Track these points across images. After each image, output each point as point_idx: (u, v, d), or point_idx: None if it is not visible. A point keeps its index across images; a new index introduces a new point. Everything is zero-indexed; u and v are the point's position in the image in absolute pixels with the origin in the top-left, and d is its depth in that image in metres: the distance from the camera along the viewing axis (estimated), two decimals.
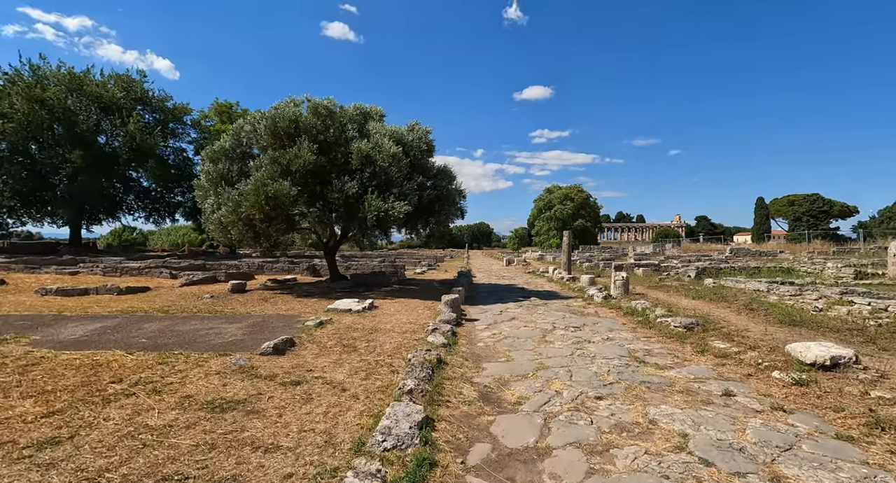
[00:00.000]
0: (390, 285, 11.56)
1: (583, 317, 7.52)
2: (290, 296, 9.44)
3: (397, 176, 9.34)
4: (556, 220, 46.89)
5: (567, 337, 5.90)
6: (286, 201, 8.87)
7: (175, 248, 34.44)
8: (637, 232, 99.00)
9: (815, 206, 63.44)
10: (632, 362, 4.57)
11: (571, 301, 9.62)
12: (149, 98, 23.81)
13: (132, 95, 22.33)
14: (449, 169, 11.41)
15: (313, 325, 5.99)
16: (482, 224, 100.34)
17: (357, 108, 10.91)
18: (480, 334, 6.21)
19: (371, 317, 7.02)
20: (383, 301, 8.86)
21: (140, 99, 23.09)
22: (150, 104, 23.80)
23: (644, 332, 6.15)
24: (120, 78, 22.80)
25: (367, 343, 5.18)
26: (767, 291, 7.39)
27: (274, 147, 9.30)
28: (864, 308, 5.43)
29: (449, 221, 11.53)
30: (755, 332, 5.38)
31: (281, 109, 9.40)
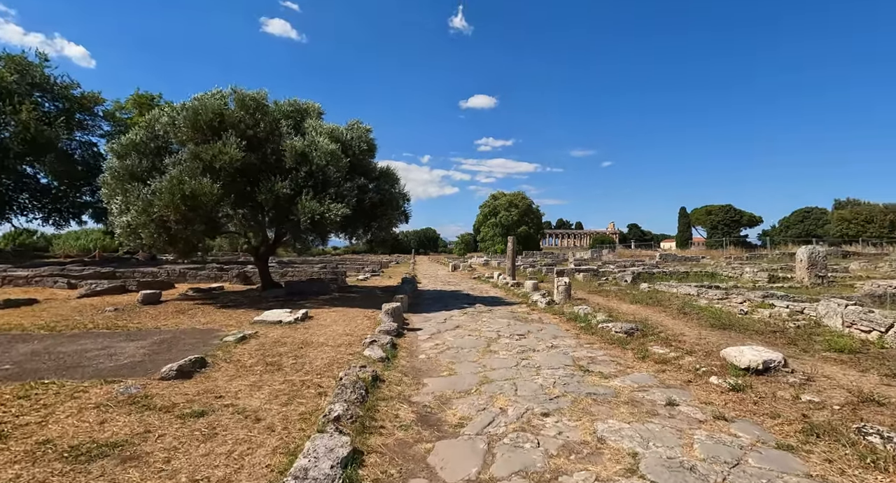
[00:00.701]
0: (329, 293, 10.85)
1: (527, 323, 7.41)
2: (212, 306, 8.48)
3: (335, 176, 8.76)
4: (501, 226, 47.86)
5: (512, 346, 5.70)
6: (208, 201, 7.96)
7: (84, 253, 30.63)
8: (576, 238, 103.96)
9: (729, 215, 70.30)
10: (577, 372, 4.44)
11: (516, 307, 9.56)
12: (49, 84, 20.82)
13: (28, 80, 19.39)
14: (392, 171, 11.00)
15: (234, 340, 5.29)
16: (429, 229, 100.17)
17: (292, 103, 10.18)
18: (423, 345, 5.84)
19: (303, 329, 6.41)
20: (319, 311, 8.21)
21: (38, 84, 20.12)
22: (51, 91, 20.80)
23: (587, 339, 6.12)
24: (12, 59, 19.75)
25: (294, 360, 4.62)
26: (697, 295, 7.76)
27: (195, 141, 8.36)
28: (784, 310, 5.79)
29: (392, 226, 11.09)
30: (690, 336, 5.51)
31: (204, 101, 8.49)
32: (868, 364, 4.03)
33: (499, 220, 48.69)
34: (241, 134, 8.46)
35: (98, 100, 23.22)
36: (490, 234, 49.59)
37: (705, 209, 74.78)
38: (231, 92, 8.99)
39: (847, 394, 3.32)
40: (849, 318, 4.81)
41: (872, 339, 4.53)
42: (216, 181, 8.13)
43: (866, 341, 4.54)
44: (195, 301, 9.21)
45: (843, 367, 4.06)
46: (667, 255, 25.34)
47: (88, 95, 22.67)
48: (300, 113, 10.18)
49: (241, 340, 5.36)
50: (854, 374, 3.84)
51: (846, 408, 3.09)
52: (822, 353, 4.48)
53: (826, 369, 4.00)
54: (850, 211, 53.48)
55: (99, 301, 8.82)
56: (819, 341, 4.77)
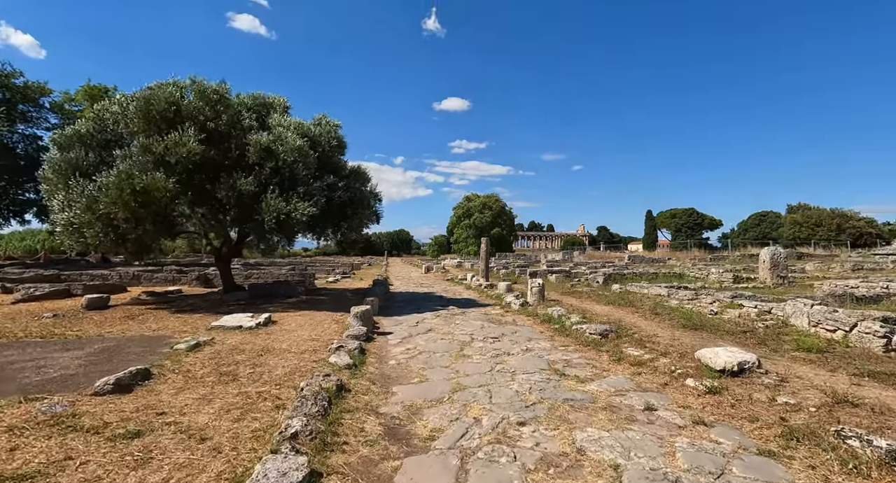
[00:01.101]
0: (296, 296, 10.38)
1: (501, 326, 7.26)
2: (166, 311, 7.90)
3: (304, 173, 8.36)
4: (474, 228, 47.96)
5: (486, 349, 5.51)
6: (161, 198, 7.41)
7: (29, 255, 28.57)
8: (548, 240, 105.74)
9: (692, 218, 73.20)
10: (553, 376, 4.28)
11: (489, 309, 9.41)
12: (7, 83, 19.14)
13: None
14: (363, 170, 10.66)
15: (186, 348, 4.85)
16: (402, 231, 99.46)
17: (256, 97, 9.70)
18: (393, 350, 5.57)
19: (265, 334, 6.01)
20: (284, 315, 7.79)
21: None
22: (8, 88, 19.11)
23: (562, 341, 6.02)
24: None
25: (252, 369, 4.26)
26: (668, 296, 7.84)
27: (147, 133, 7.77)
28: (752, 311, 5.88)
29: (363, 226, 10.74)
30: (664, 338, 5.48)
31: (158, 90, 7.91)
32: (836, 363, 4.07)
33: (472, 222, 48.79)
34: (201, 127, 7.94)
35: (44, 90, 21.61)
36: (464, 236, 49.61)
37: (670, 212, 77.62)
38: (190, 82, 8.43)
39: (821, 395, 3.30)
40: (815, 318, 4.90)
41: (838, 339, 4.61)
42: (171, 177, 7.60)
43: (832, 340, 4.62)
44: (148, 305, 8.57)
45: (813, 366, 4.09)
46: (635, 257, 25.97)
47: (33, 85, 21.05)
48: (265, 107, 9.71)
49: (193, 348, 4.93)
50: (824, 374, 3.86)
51: (822, 409, 3.05)
52: (791, 352, 4.51)
53: (797, 369, 4.01)
54: (802, 215, 56.74)
55: (37, 307, 8.05)
56: (788, 341, 4.82)
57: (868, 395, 3.27)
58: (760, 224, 66.24)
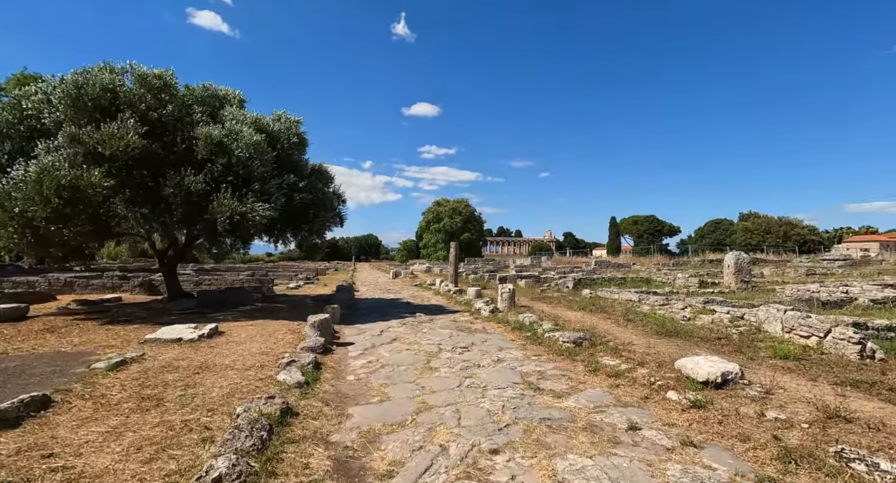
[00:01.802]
0: (251, 304, 9.62)
1: (471, 334, 6.88)
2: (96, 322, 7.02)
3: (260, 171, 7.71)
4: (444, 233, 47.67)
5: (454, 361, 5.10)
6: (94, 196, 6.58)
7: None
8: (516, 245, 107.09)
9: (653, 225, 76.03)
10: (527, 391, 3.93)
11: (458, 315, 9.03)
12: None
13: None
14: (326, 169, 10.08)
15: (106, 367, 4.17)
16: (370, 236, 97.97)
17: (208, 89, 8.92)
18: (353, 363, 5.06)
19: (208, 348, 5.35)
20: (234, 325, 7.09)
21: None
22: None
23: (534, 350, 5.70)
24: None
25: (183, 391, 3.66)
26: (639, 301, 7.73)
27: (78, 123, 6.92)
28: (724, 316, 5.79)
29: (325, 229, 10.13)
30: (639, 345, 5.27)
31: (91, 74, 7.08)
32: (815, 372, 3.93)
33: (442, 227, 48.49)
34: (142, 117, 7.16)
35: None
36: (433, 241, 49.21)
37: (632, 219, 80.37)
38: (128, 67, 7.62)
39: (811, 408, 3.10)
40: (788, 324, 4.81)
41: (812, 345, 4.52)
42: (108, 173, 6.78)
43: (807, 347, 4.52)
44: (76, 316, 7.62)
45: (793, 376, 3.93)
46: (601, 262, 26.41)
47: None
48: (218, 100, 8.96)
49: (116, 367, 4.25)
50: (806, 384, 3.70)
51: (815, 426, 2.83)
52: (769, 360, 4.37)
53: (778, 379, 3.83)
54: (752, 222, 60.12)
55: None
56: (763, 348, 4.70)
57: (858, 408, 3.09)
58: (715, 231, 69.65)
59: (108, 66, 7.48)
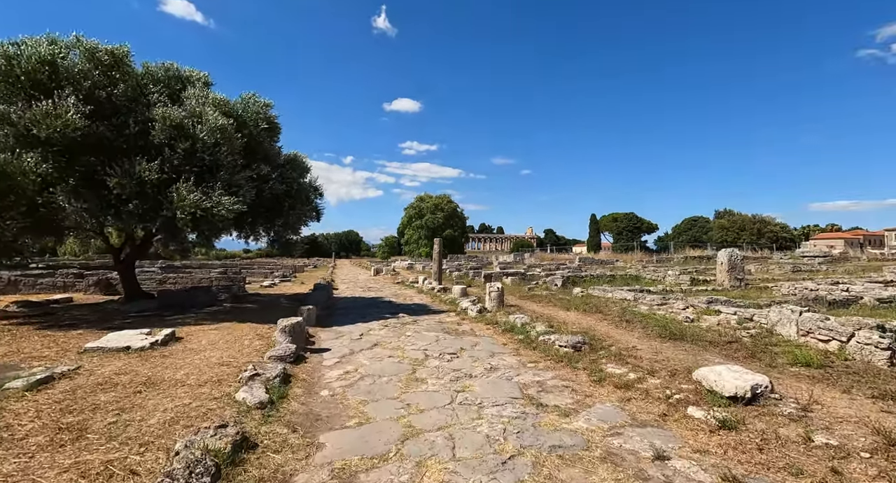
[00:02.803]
0: (218, 304, 8.85)
1: (459, 337, 6.35)
2: (33, 327, 6.18)
3: (228, 160, 6.96)
4: (426, 229, 47.05)
5: (443, 370, 4.56)
6: (27, 185, 5.75)
7: None
8: (498, 242, 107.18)
9: (632, 222, 77.15)
10: (529, 408, 3.42)
11: (444, 316, 8.49)
12: None
13: None
14: (301, 158, 9.36)
15: (24, 386, 3.45)
16: (351, 232, 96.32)
17: (169, 69, 8.08)
18: (328, 374, 4.47)
19: (159, 358, 4.65)
20: (195, 328, 6.37)
21: None
22: None
23: (529, 356, 5.21)
24: None
25: (116, 416, 3.00)
26: (635, 301, 7.36)
27: (10, 101, 6.04)
28: (731, 318, 5.43)
29: (301, 224, 9.40)
30: (644, 350, 4.83)
31: (27, 47, 6.19)
32: (846, 382, 3.55)
33: (424, 223, 47.84)
34: (88, 95, 6.32)
35: None
36: (415, 237, 48.52)
37: (612, 216, 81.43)
38: (75, 40, 6.73)
39: (864, 431, 2.68)
40: (805, 327, 4.46)
41: (833, 350, 4.17)
42: (43, 157, 5.95)
43: (827, 352, 4.16)
44: (12, 320, 6.75)
45: (824, 387, 3.54)
46: (585, 259, 26.30)
47: None
48: (179, 81, 8.13)
49: (39, 385, 3.53)
50: (842, 398, 3.30)
51: (878, 456, 2.40)
52: (789, 368, 3.98)
53: (810, 392, 3.42)
54: (728, 220, 61.57)
55: None
56: (780, 353, 4.32)
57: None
58: (692, 228, 71.15)
59: (51, 38, 6.57)
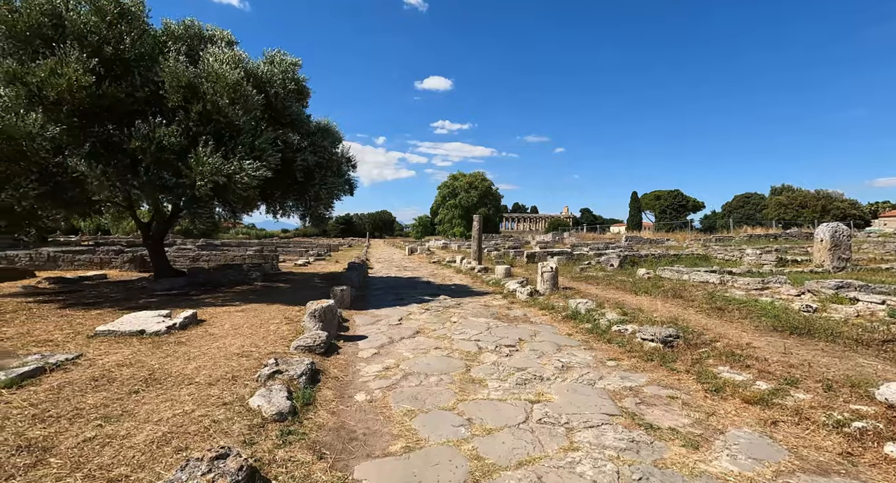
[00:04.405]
0: (249, 283, 8.35)
1: (513, 325, 5.45)
2: (54, 305, 5.79)
3: (244, 121, 6.21)
4: (460, 208, 46.07)
5: (504, 369, 3.68)
6: (37, 149, 5.22)
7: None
8: (532, 222, 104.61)
9: (677, 200, 72.91)
10: (636, 432, 2.48)
11: (490, 299, 7.61)
12: None
13: None
14: (333, 126, 8.54)
15: (5, 382, 2.84)
16: (384, 212, 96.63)
17: (190, 27, 7.34)
18: (364, 370, 3.69)
19: (173, 345, 4.03)
20: (220, 310, 5.80)
21: None
22: None
23: (604, 350, 4.25)
24: None
25: (96, 429, 2.31)
26: (721, 284, 6.17)
27: (19, 58, 5.48)
28: (878, 308, 4.22)
29: (333, 197, 8.65)
30: (765, 350, 3.75)
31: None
32: None
33: (458, 202, 46.79)
34: (95, 50, 5.68)
35: None
36: (449, 217, 47.64)
37: (654, 194, 77.25)
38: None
39: None
40: None
41: None
42: (54, 119, 5.39)
43: None
44: (38, 297, 6.43)
45: None
46: (632, 238, 24.59)
47: None
48: (200, 40, 7.39)
49: (21, 380, 2.93)
50: None
51: None
52: None
53: None
54: (786, 196, 56.60)
55: None
56: None
57: None
58: (744, 205, 66.35)
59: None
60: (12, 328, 4.54)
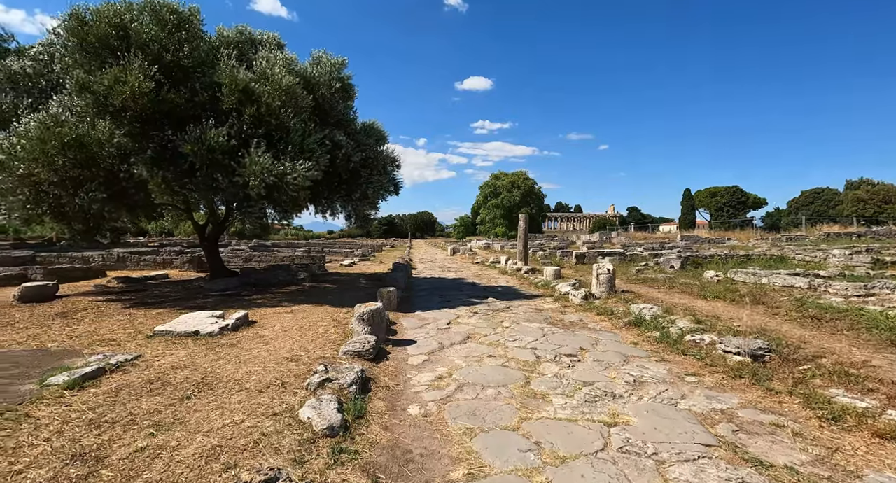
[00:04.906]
0: (297, 284, 8.45)
1: (569, 331, 5.06)
2: (121, 305, 6.06)
3: (294, 122, 6.23)
4: (502, 208, 45.44)
5: (568, 382, 3.33)
6: (105, 155, 5.47)
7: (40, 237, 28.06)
8: (576, 221, 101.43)
9: (735, 197, 68.10)
10: (743, 471, 2.07)
11: (540, 302, 7.22)
12: None
13: None
14: (378, 125, 8.47)
15: (66, 383, 2.87)
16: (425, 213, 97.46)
17: (242, 32, 7.53)
18: (416, 379, 3.47)
19: (226, 346, 4.02)
20: (270, 311, 5.82)
21: None
22: None
23: (680, 363, 3.78)
24: None
25: (148, 439, 2.23)
26: (811, 289, 5.43)
27: (87, 68, 5.78)
28: None
29: (379, 197, 8.59)
30: (888, 369, 3.17)
31: (99, 11, 5.85)
32: None
33: (500, 202, 46.16)
34: (155, 58, 5.88)
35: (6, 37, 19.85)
36: (490, 217, 47.12)
37: (710, 191, 72.61)
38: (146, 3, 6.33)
39: None
40: None
41: None
42: (118, 125, 5.63)
43: None
44: (107, 296, 6.78)
45: None
46: (688, 237, 23.06)
47: None
48: (251, 44, 7.56)
49: (83, 381, 2.95)
50: None
51: None
52: None
53: None
54: (865, 190, 51.14)
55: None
56: None
57: None
58: (814, 201, 60.80)
59: (128, 4, 6.19)
60: (82, 326, 4.74)
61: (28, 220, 5.87)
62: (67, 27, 5.71)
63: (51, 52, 6.31)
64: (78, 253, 10.90)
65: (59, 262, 10.22)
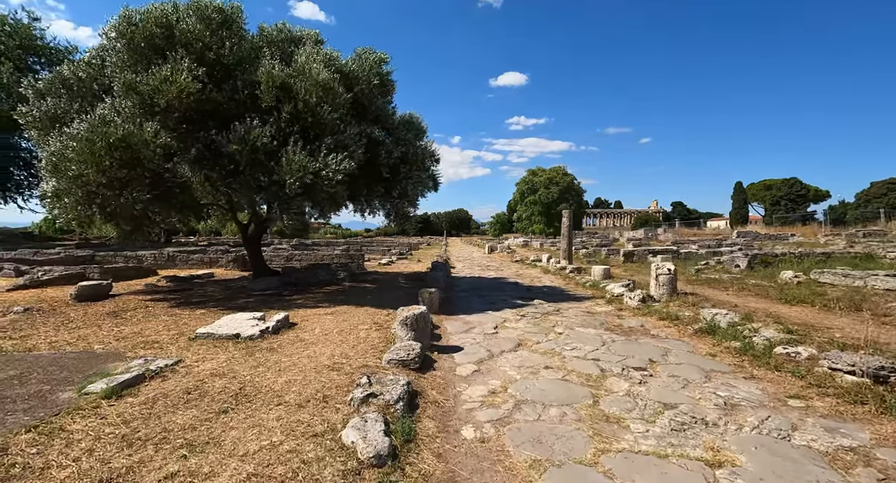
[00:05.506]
0: (337, 283, 8.34)
1: (631, 338, 4.55)
2: (168, 305, 6.11)
3: (331, 118, 6.04)
4: (540, 205, 44.36)
5: (644, 403, 2.87)
6: (151, 156, 5.49)
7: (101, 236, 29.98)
8: (616, 218, 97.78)
9: (794, 190, 63.22)
10: None
11: (591, 304, 6.69)
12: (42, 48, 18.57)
13: (15, 41, 17.30)
14: (417, 119, 8.19)
15: (104, 392, 2.74)
16: (461, 210, 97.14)
17: (283, 30, 7.45)
18: (467, 393, 3.13)
19: (266, 352, 3.84)
20: (310, 312, 5.67)
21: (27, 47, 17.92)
22: (45, 56, 18.68)
23: (774, 381, 3.22)
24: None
25: (180, 462, 2.01)
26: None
27: (134, 69, 5.83)
28: None
29: (418, 193, 8.32)
30: None
31: (145, 11, 5.90)
32: None
33: (538, 198, 45.06)
34: (199, 57, 5.85)
35: None
36: (528, 214, 46.11)
37: (763, 184, 67.80)
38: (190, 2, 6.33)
39: None
40: None
41: None
42: (164, 126, 5.64)
43: None
44: (154, 295, 6.89)
45: None
46: (744, 233, 21.40)
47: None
48: (292, 42, 7.46)
49: (121, 389, 2.82)
50: None
51: None
52: None
53: None
54: None
55: (28, 295, 6.61)
56: None
57: None
58: (888, 193, 55.26)
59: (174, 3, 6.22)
60: (128, 327, 4.75)
61: (80, 220, 6.02)
62: (118, 29, 5.78)
63: (102, 56, 6.44)
64: (133, 252, 11.38)
65: (115, 261, 10.69)
